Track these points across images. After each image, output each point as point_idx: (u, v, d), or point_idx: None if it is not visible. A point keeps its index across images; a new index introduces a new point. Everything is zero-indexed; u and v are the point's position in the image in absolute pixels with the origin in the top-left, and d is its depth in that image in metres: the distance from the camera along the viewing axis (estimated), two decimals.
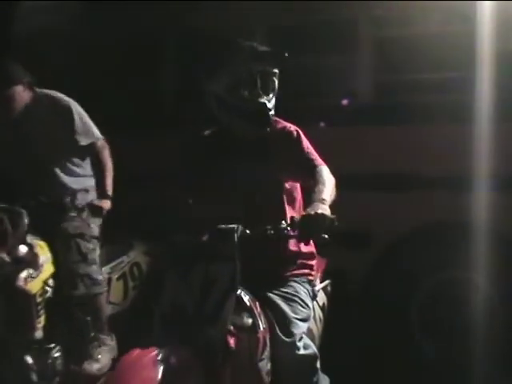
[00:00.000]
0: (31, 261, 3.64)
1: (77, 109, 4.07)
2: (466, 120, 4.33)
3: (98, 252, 4.05)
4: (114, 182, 4.15)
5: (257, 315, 2.97)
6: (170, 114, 5.16)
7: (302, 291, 3.20)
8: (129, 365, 2.57)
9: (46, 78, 4.26)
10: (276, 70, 3.14)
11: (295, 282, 3.20)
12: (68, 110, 4.04)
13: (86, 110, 4.16)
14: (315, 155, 3.17)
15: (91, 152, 4.15)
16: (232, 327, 2.81)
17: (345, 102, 4.88)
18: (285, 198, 3.20)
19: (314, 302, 3.36)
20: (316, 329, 3.37)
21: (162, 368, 2.54)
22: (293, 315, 3.07)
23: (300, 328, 3.07)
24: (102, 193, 4.07)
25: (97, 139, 4.13)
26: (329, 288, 3.65)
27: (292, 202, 3.23)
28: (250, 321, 2.94)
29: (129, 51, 5.21)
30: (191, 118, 4.91)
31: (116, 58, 5.24)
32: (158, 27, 5.17)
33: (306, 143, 3.19)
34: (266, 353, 2.95)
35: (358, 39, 4.68)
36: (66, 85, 4.38)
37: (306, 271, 3.27)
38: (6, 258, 3.54)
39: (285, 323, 3.03)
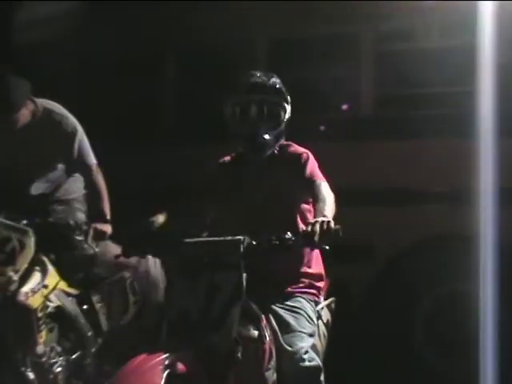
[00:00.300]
0: (37, 277, 3.64)
1: (80, 133, 4.07)
2: (467, 134, 4.34)
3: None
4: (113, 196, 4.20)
5: (263, 327, 3.03)
6: (169, 126, 5.16)
7: (309, 308, 3.25)
8: (132, 370, 2.58)
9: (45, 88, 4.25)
10: (279, 100, 3.26)
11: (302, 298, 3.26)
12: (71, 134, 4.05)
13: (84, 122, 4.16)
14: (317, 173, 3.23)
15: (84, 175, 4.19)
16: (238, 337, 2.85)
17: (346, 115, 4.89)
18: (298, 217, 3.26)
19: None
20: (320, 345, 3.36)
21: (166, 374, 2.55)
22: (298, 328, 3.12)
23: (305, 341, 3.10)
24: (102, 218, 4.08)
25: (91, 165, 4.15)
26: (333, 305, 3.65)
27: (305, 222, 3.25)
28: (256, 332, 2.99)
29: (129, 63, 5.22)
30: (190, 131, 4.96)
31: (116, 70, 5.25)
32: (159, 40, 5.17)
33: (311, 164, 3.26)
34: (272, 363, 3.00)
35: (360, 53, 4.69)
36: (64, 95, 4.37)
37: (314, 291, 3.34)
38: (14, 276, 3.53)
39: (290, 335, 3.07)
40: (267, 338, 3.01)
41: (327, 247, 2.85)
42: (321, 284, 3.40)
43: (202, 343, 2.73)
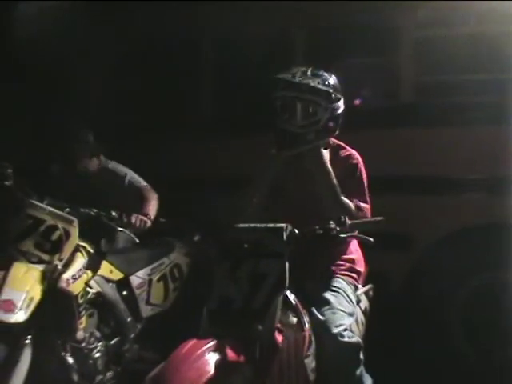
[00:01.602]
0: (78, 264, 3.69)
1: (129, 174, 4.50)
2: (508, 122, 4.29)
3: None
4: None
5: (301, 314, 3.06)
6: (208, 116, 5.18)
7: (349, 289, 3.32)
8: (183, 357, 2.61)
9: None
10: (316, 99, 3.27)
11: (342, 279, 3.34)
12: (122, 175, 4.50)
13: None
14: (364, 192, 3.30)
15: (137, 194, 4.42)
16: (279, 324, 2.87)
17: (385, 103, 4.85)
18: None
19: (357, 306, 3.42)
20: (358, 331, 3.37)
21: (215, 360, 2.59)
22: (338, 306, 3.18)
23: (344, 319, 3.16)
24: (146, 214, 4.17)
25: (142, 187, 4.43)
26: (371, 293, 3.65)
27: None
28: (295, 319, 3.02)
29: (166, 52, 5.24)
30: (229, 121, 4.97)
31: (153, 60, 5.28)
32: (196, 28, 5.17)
33: (361, 176, 3.35)
34: (312, 350, 3.04)
35: (399, 40, 4.65)
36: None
37: (354, 275, 3.41)
38: (59, 264, 3.58)
39: (330, 311, 3.14)
40: (306, 325, 3.04)
41: (371, 239, 2.92)
42: (361, 269, 3.46)
43: (246, 331, 2.74)
